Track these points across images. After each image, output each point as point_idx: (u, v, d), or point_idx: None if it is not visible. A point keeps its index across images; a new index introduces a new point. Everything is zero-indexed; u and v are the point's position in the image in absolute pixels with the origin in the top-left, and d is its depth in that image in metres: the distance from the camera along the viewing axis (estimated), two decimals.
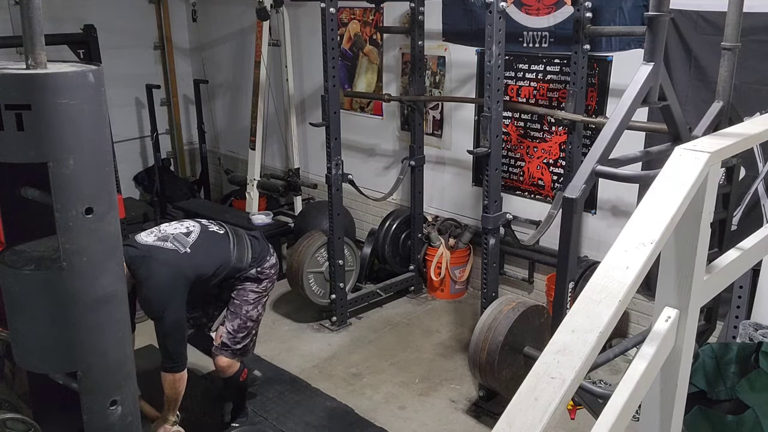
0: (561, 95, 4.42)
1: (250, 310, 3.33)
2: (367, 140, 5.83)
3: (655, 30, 2.82)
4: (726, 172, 3.37)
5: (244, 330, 3.33)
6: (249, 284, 3.31)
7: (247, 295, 3.32)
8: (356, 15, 5.63)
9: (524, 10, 4.51)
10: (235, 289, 3.33)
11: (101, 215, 1.57)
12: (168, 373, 3.08)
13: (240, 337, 3.33)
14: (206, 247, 3.17)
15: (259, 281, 3.33)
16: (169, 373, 3.08)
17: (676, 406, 1.47)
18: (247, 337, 3.37)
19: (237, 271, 3.26)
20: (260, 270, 3.33)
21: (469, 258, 5.20)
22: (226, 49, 7.03)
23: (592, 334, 1.07)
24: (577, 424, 3.61)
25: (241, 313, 3.32)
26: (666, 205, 1.26)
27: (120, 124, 6.42)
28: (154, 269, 2.95)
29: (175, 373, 3.08)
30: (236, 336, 3.32)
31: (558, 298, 3.08)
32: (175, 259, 3.03)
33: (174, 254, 3.04)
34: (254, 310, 3.35)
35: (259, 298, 3.37)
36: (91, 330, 1.62)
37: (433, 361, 4.31)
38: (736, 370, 2.64)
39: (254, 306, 3.35)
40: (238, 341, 3.33)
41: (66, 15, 5.97)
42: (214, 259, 3.17)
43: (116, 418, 1.70)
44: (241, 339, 3.34)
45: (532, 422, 0.96)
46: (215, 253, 3.19)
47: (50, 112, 1.46)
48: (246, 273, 3.28)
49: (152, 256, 2.99)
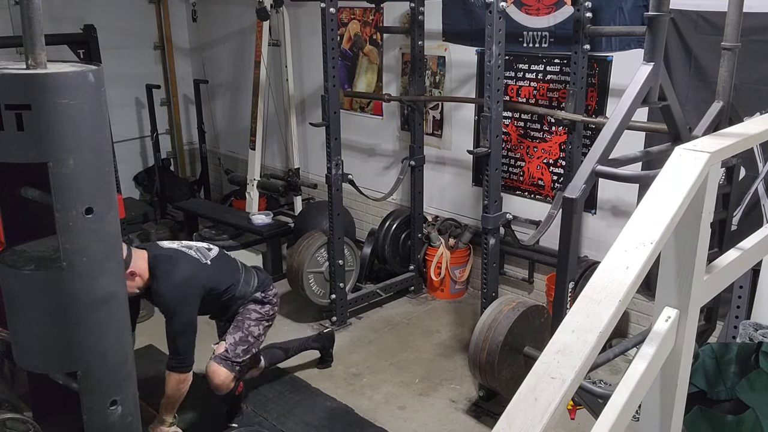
0: (561, 95, 4.42)
1: (252, 326, 3.42)
2: (367, 140, 5.83)
3: (655, 30, 2.83)
4: (726, 172, 3.37)
5: (245, 344, 3.39)
6: (253, 305, 3.45)
7: (251, 314, 3.44)
8: (356, 15, 5.63)
9: (524, 10, 4.51)
10: (240, 308, 3.44)
11: (101, 215, 1.57)
12: (174, 373, 3.12)
13: (240, 350, 3.37)
14: (222, 265, 3.37)
15: (262, 304, 3.47)
16: (174, 373, 3.12)
17: (676, 406, 1.47)
18: (247, 353, 3.42)
19: (243, 294, 3.41)
20: (264, 295, 3.47)
21: (469, 258, 5.20)
22: (226, 49, 7.03)
23: (592, 334, 1.07)
24: (577, 424, 3.61)
25: (244, 326, 3.40)
26: (666, 205, 1.26)
27: (120, 124, 6.42)
28: (176, 269, 3.13)
29: (180, 373, 3.13)
30: (237, 348, 3.36)
31: (558, 298, 3.08)
32: (195, 266, 3.23)
33: (196, 262, 3.25)
34: (256, 327, 3.43)
35: (261, 319, 3.46)
36: (91, 330, 1.62)
37: (433, 361, 4.31)
38: (736, 370, 2.64)
39: (256, 324, 3.43)
40: (238, 354, 3.36)
41: (66, 15, 5.97)
42: (227, 278, 3.36)
43: (116, 418, 1.71)
44: (242, 353, 3.38)
45: (532, 422, 0.96)
46: (229, 272, 3.39)
47: (50, 112, 1.46)
48: (251, 296, 3.43)
49: (176, 257, 3.19)
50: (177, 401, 3.20)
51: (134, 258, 3.09)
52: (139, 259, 3.11)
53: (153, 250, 3.20)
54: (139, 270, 3.09)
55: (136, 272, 3.08)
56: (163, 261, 3.14)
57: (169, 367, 3.13)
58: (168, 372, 3.13)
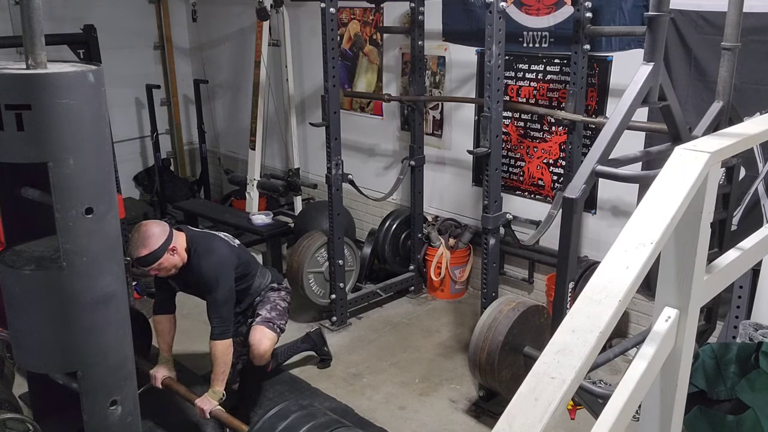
0: (561, 95, 4.42)
1: (276, 298, 3.72)
2: (367, 140, 5.83)
3: (655, 30, 2.82)
4: (726, 172, 3.37)
5: (276, 310, 3.67)
6: (270, 292, 3.74)
7: (271, 294, 3.73)
8: (356, 15, 5.63)
9: (524, 10, 4.51)
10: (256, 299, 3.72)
11: (101, 215, 1.57)
12: (219, 341, 3.32)
13: (274, 314, 3.65)
14: (245, 253, 3.68)
15: (278, 291, 3.77)
16: (220, 341, 3.32)
17: (676, 406, 1.47)
18: (281, 317, 3.68)
19: (258, 287, 3.68)
20: (279, 284, 3.80)
21: (469, 258, 5.20)
22: (226, 49, 7.03)
23: (592, 334, 1.07)
24: (577, 424, 3.61)
25: (269, 299, 3.70)
26: (666, 205, 1.26)
27: (120, 124, 6.42)
28: (215, 246, 3.44)
29: (225, 340, 3.33)
30: (271, 313, 3.64)
31: (558, 298, 3.08)
32: (228, 245, 3.55)
33: (228, 242, 3.57)
34: (280, 299, 3.73)
35: (280, 298, 3.75)
36: (91, 330, 1.62)
37: (433, 361, 4.31)
38: (736, 370, 2.64)
39: (280, 299, 3.73)
40: (274, 317, 3.64)
41: (66, 15, 5.97)
42: (249, 264, 3.65)
43: (116, 418, 1.71)
44: (277, 316, 3.65)
45: (532, 422, 0.96)
46: (250, 260, 3.70)
47: (50, 112, 1.46)
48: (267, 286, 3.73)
49: (212, 237, 3.53)
50: (227, 369, 3.37)
51: (175, 236, 3.31)
52: (179, 237, 3.34)
53: (188, 231, 3.47)
54: (179, 246, 3.31)
55: (176, 248, 3.29)
56: (201, 239, 3.43)
57: (214, 337, 3.31)
58: (214, 342, 3.31)
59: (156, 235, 3.22)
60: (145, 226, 3.26)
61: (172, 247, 3.27)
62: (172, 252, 3.27)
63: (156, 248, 3.21)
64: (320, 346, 4.23)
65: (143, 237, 3.21)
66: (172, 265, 3.31)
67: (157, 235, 3.22)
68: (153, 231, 3.23)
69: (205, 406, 3.27)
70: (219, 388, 3.34)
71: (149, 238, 3.20)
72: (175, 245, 3.28)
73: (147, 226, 3.27)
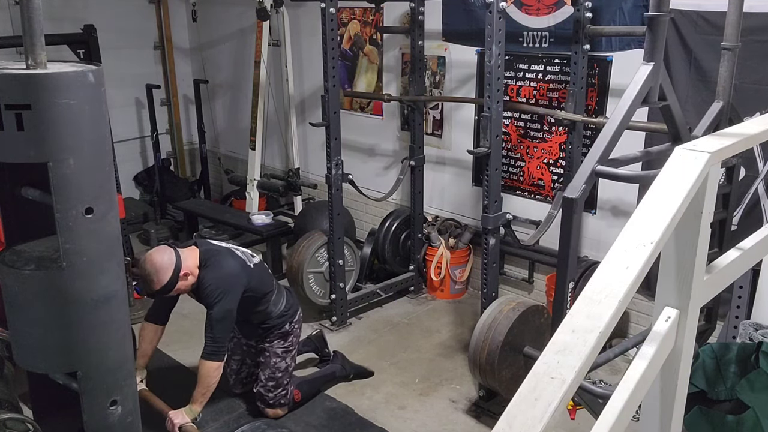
0: (561, 95, 4.42)
1: (278, 362, 3.62)
2: (367, 140, 5.83)
3: (655, 30, 2.83)
4: (726, 172, 3.37)
5: (272, 380, 3.60)
6: (277, 342, 3.63)
7: (276, 350, 3.63)
8: (356, 15, 5.63)
9: (524, 10, 4.51)
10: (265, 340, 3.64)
11: (101, 215, 1.57)
12: (209, 361, 3.22)
13: (270, 385, 3.59)
14: (262, 273, 3.54)
15: (286, 338, 3.65)
16: (209, 361, 3.22)
17: (676, 406, 1.47)
18: (278, 387, 3.61)
19: (269, 314, 3.56)
20: (291, 325, 3.66)
21: (469, 258, 5.20)
22: (226, 49, 7.03)
23: (592, 334, 1.07)
24: (577, 424, 3.61)
25: (270, 364, 3.61)
26: (666, 205, 1.26)
27: (120, 124, 6.42)
28: (225, 262, 3.33)
29: (215, 361, 3.24)
30: (267, 384, 3.60)
31: (558, 298, 3.08)
32: (241, 263, 3.40)
33: (242, 262, 3.42)
34: (282, 361, 3.62)
35: (287, 352, 3.66)
36: (91, 330, 1.62)
37: (433, 361, 4.31)
38: (736, 370, 2.64)
39: (282, 358, 3.63)
40: (269, 389, 3.60)
41: (66, 15, 5.97)
42: (264, 286, 3.51)
43: (116, 418, 1.70)
44: (272, 388, 3.60)
45: (532, 422, 0.96)
46: (266, 281, 3.54)
47: (50, 112, 1.46)
48: (280, 327, 3.61)
49: (226, 252, 3.40)
50: (210, 391, 3.27)
51: (184, 258, 3.20)
52: (188, 258, 3.24)
53: (203, 245, 3.39)
54: (190, 269, 3.22)
55: (188, 273, 3.21)
56: (213, 254, 3.34)
57: (204, 356, 3.23)
58: (203, 361, 3.23)
59: (164, 267, 3.13)
60: (150, 261, 3.16)
61: (184, 274, 3.18)
62: (185, 277, 3.20)
63: (166, 281, 3.13)
64: (321, 348, 4.22)
65: (152, 272, 3.13)
66: (188, 287, 3.26)
67: (165, 268, 3.13)
68: (161, 263, 3.13)
69: (176, 419, 3.14)
70: (197, 407, 3.23)
71: (158, 273, 3.13)
72: (186, 270, 3.19)
73: (152, 259, 3.16)
